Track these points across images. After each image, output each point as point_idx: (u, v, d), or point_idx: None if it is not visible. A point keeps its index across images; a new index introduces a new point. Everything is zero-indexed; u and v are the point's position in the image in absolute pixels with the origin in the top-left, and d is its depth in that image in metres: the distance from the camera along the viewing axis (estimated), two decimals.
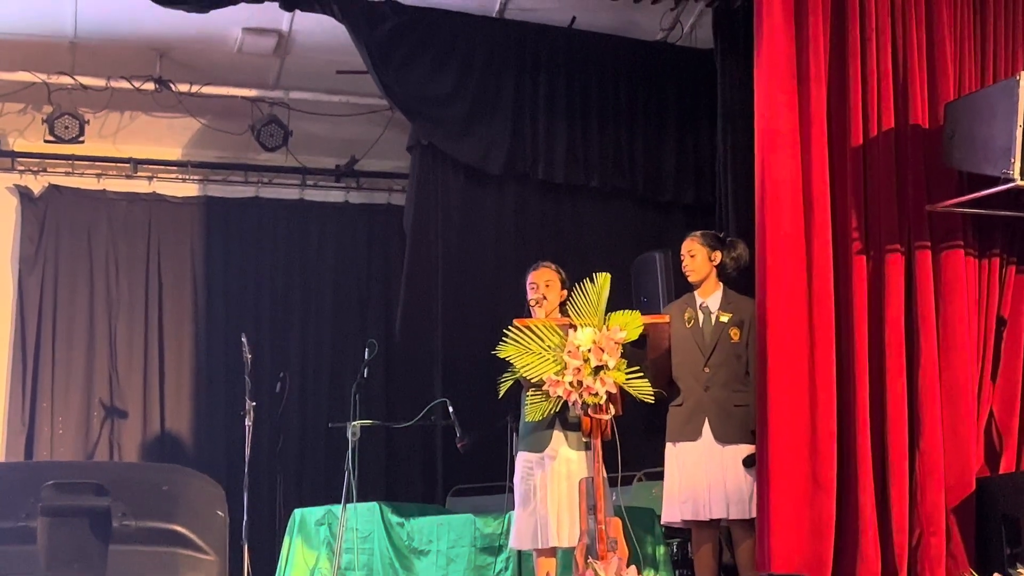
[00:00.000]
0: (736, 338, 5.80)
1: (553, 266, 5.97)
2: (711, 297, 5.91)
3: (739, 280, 5.98)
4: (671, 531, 6.65)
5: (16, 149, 9.26)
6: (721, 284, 5.93)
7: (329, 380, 9.50)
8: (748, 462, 5.68)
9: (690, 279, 5.98)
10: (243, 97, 9.05)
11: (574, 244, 8.79)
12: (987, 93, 5.62)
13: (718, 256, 5.92)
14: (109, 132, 9.26)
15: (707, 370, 5.80)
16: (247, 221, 9.61)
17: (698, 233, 6.01)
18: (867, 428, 5.56)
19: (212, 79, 8.86)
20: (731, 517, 5.71)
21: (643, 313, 5.48)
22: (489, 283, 8.63)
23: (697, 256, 5.94)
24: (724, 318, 5.84)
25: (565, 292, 5.82)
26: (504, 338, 5.29)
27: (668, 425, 5.89)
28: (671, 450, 5.87)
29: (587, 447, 5.43)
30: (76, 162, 9.27)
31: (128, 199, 9.41)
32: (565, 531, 5.57)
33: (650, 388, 5.25)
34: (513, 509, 5.91)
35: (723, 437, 5.72)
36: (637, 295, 7.90)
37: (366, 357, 6.81)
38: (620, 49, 8.69)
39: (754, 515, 5.65)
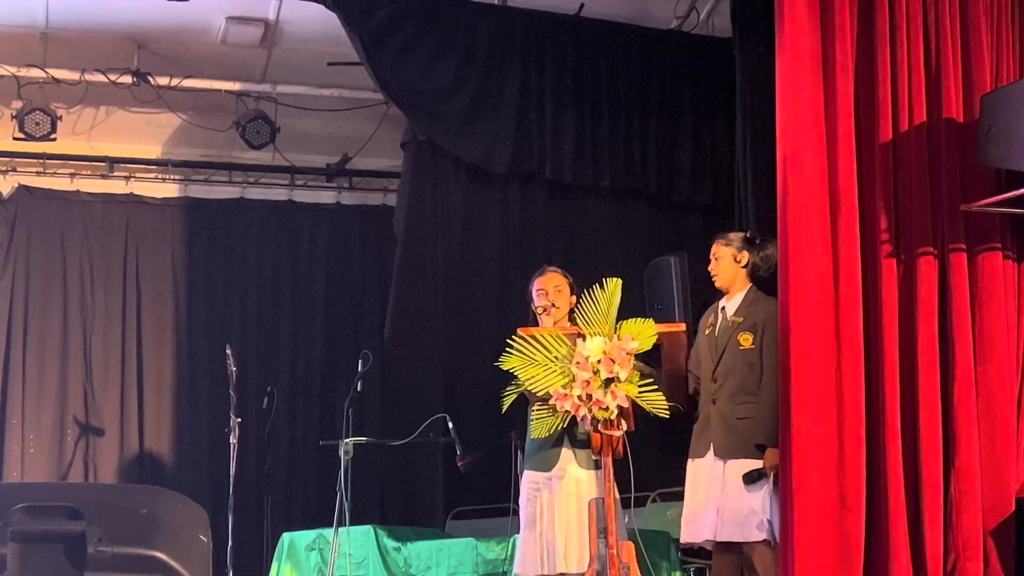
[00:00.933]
0: (748, 344, 5.77)
1: (561, 271, 5.98)
2: (731, 300, 5.92)
3: (771, 283, 5.97)
4: (688, 555, 6.65)
5: None
6: (748, 286, 5.92)
7: (320, 395, 9.51)
8: (749, 478, 5.65)
9: (716, 284, 5.98)
10: (227, 91, 9.07)
11: (583, 247, 8.80)
12: None
13: (745, 257, 5.91)
14: (83, 129, 9.28)
15: (715, 381, 5.81)
16: (232, 224, 9.62)
17: (724, 235, 6.02)
18: (898, 445, 5.55)
19: (194, 72, 8.88)
20: (719, 539, 5.69)
21: (657, 321, 5.49)
22: (492, 289, 8.65)
23: (721, 259, 5.94)
24: (735, 322, 5.84)
25: (574, 299, 5.83)
26: (508, 348, 5.29)
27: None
28: (688, 467, 5.88)
29: (597, 466, 5.43)
30: (48, 161, 9.28)
31: (104, 201, 9.43)
32: (574, 556, 5.57)
33: (665, 402, 5.25)
34: (518, 532, 5.91)
35: (723, 452, 5.72)
36: (650, 302, 7.91)
37: (360, 370, 6.81)
38: (632, 38, 8.70)
39: (753, 538, 5.64)
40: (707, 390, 5.82)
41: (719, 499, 5.68)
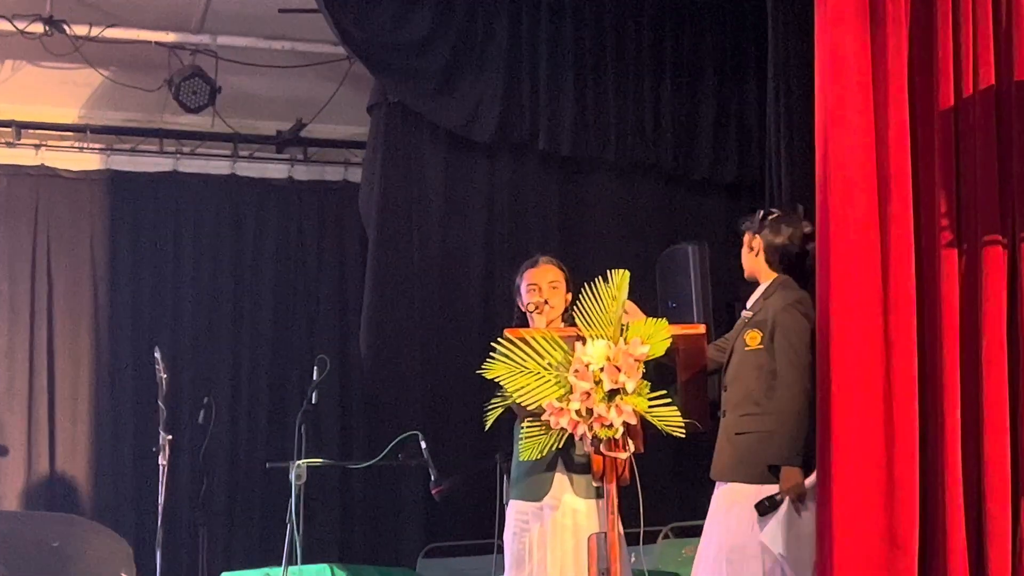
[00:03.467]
0: (754, 343, 5.81)
1: (556, 263, 5.99)
2: (754, 294, 5.99)
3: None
4: None
5: None
6: (773, 276, 5.96)
7: (268, 407, 9.52)
8: (761, 508, 5.68)
9: (746, 276, 6.05)
10: (158, 43, 9.05)
11: (583, 233, 8.83)
12: None
13: (758, 242, 5.96)
14: None
15: (725, 389, 5.87)
16: (162, 202, 9.62)
17: (746, 217, 6.07)
18: (958, 471, 5.56)
19: (118, 20, 8.86)
20: None
21: (671, 321, 5.49)
22: (476, 282, 8.68)
23: (743, 247, 6.02)
24: (745, 318, 5.91)
25: (570, 296, 5.84)
26: (493, 353, 5.29)
27: None
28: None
29: (599, 494, 5.43)
30: None
31: (9, 173, 9.42)
32: None
33: (680, 418, 5.25)
34: (503, 573, 5.92)
35: (715, 473, 5.80)
36: (664, 298, 7.92)
37: (315, 378, 6.82)
38: None
39: None
40: (722, 401, 5.87)
41: (711, 532, 5.76)
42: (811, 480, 5.69)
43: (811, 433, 5.69)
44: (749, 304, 5.96)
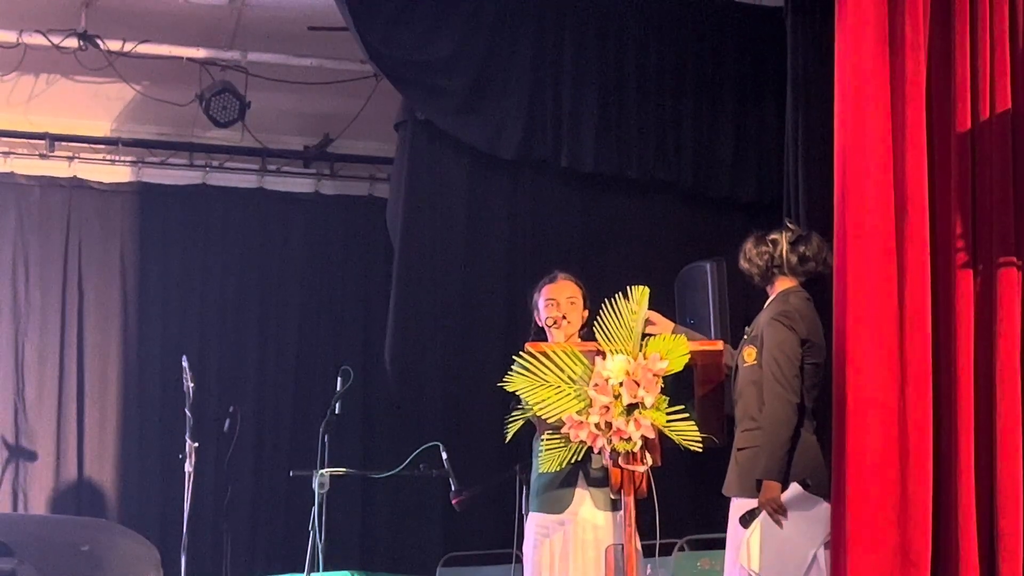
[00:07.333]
0: (751, 359, 5.83)
1: (574, 279, 6.00)
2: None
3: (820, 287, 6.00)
4: None
5: None
6: (776, 292, 5.97)
7: (292, 417, 9.53)
8: (744, 521, 5.71)
9: None
10: (189, 59, 9.08)
11: (604, 249, 8.81)
12: None
13: (754, 257, 5.98)
14: (20, 100, 9.30)
15: (735, 405, 5.90)
16: (192, 214, 9.65)
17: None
18: (971, 488, 5.55)
19: (151, 36, 8.89)
20: None
21: (689, 338, 5.50)
22: (498, 296, 8.66)
23: None
24: (746, 334, 5.93)
25: (587, 313, 5.85)
26: (514, 367, 5.30)
27: None
28: None
29: (616, 507, 5.43)
30: None
31: (42, 184, 9.45)
32: None
33: (697, 433, 5.26)
34: None
35: (724, 487, 5.84)
36: (682, 315, 7.91)
37: (339, 388, 6.83)
38: (666, 5, 8.71)
39: None
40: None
41: (728, 547, 5.82)
42: (791, 492, 5.70)
43: (795, 445, 5.73)
44: (754, 321, 5.99)
